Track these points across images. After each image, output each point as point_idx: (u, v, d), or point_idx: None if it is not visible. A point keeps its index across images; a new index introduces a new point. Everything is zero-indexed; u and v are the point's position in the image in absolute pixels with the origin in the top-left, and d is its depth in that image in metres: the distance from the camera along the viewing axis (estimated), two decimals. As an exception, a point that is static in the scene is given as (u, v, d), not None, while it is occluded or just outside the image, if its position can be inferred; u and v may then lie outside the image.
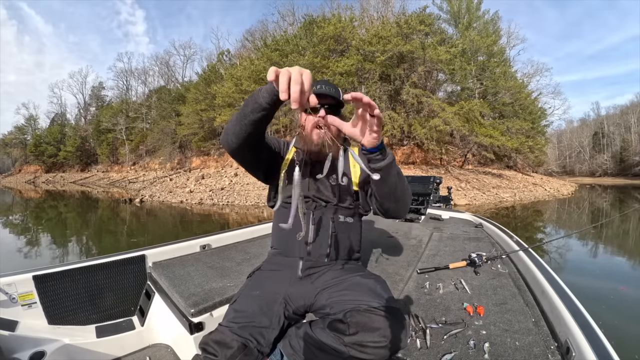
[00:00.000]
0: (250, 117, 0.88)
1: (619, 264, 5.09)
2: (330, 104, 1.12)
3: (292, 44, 22.49)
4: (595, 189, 25.26)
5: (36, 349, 1.12)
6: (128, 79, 46.44)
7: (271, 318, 0.93)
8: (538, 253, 1.63)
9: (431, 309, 1.16)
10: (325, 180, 1.15)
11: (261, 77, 21.42)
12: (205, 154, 27.74)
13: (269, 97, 0.83)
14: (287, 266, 1.11)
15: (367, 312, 0.83)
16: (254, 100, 0.86)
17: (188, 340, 1.12)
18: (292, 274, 1.08)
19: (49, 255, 5.72)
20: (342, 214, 1.15)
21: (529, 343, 0.91)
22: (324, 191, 1.15)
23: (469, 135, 17.66)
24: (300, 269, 1.07)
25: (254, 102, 0.86)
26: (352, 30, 19.78)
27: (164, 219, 10.44)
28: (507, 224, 7.76)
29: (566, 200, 15.93)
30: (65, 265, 1.39)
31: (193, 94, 27.20)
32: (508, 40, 28.73)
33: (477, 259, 1.55)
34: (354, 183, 1.17)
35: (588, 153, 50.89)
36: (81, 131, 46.47)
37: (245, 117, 0.89)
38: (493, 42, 21.19)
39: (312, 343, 0.88)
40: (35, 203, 16.22)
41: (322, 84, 1.13)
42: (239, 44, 34.81)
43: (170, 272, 1.45)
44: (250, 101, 0.87)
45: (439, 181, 3.42)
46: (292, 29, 28.23)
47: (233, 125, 0.94)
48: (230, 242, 2.05)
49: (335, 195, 1.14)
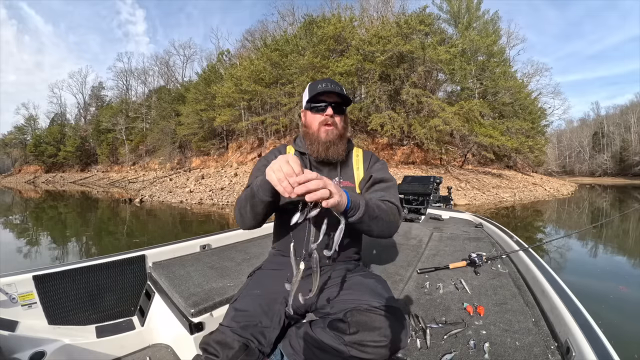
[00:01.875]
0: (260, 206, 0.94)
1: (619, 264, 5.09)
2: (336, 102, 1.11)
3: (292, 44, 22.49)
4: (595, 188, 25.27)
5: (36, 349, 1.12)
6: (128, 79, 46.52)
7: (272, 318, 0.92)
8: (538, 253, 1.63)
9: (431, 309, 1.16)
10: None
11: (261, 77, 21.45)
12: (205, 154, 27.74)
13: (269, 192, 0.87)
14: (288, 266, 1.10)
15: (368, 312, 0.83)
16: (258, 198, 0.91)
17: (188, 340, 1.12)
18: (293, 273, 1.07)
19: (49, 255, 5.72)
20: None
21: (529, 343, 0.91)
22: None
23: (468, 135, 17.67)
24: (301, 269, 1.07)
25: (259, 200, 0.92)
26: (352, 30, 19.78)
27: (163, 219, 10.44)
28: (507, 224, 7.76)
29: (566, 200, 15.93)
30: (65, 265, 1.39)
31: (193, 94, 27.19)
32: (508, 40, 28.82)
33: (477, 259, 1.55)
34: (357, 186, 1.16)
35: (588, 153, 50.91)
36: (81, 131, 46.49)
37: (255, 207, 0.95)
38: (493, 42, 21.18)
39: (312, 343, 0.88)
40: (35, 203, 16.21)
41: (327, 82, 1.12)
42: (239, 44, 34.92)
43: (170, 272, 1.45)
44: (254, 199, 0.93)
45: (439, 181, 3.42)
46: (292, 29, 28.23)
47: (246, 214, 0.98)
48: (230, 242, 2.05)
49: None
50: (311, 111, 1.13)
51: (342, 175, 1.16)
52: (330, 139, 1.10)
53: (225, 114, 22.65)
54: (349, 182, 1.15)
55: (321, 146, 1.10)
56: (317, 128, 1.11)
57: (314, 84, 1.13)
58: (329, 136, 1.10)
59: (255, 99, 22.33)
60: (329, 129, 1.11)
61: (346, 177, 1.16)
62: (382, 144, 20.12)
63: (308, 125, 1.15)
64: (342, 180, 1.15)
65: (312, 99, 1.10)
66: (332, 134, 1.11)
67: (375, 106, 19.23)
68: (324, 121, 1.10)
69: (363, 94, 21.00)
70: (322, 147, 1.10)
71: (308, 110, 1.14)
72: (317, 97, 1.09)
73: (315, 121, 1.12)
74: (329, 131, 1.11)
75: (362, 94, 21.21)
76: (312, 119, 1.13)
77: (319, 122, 1.11)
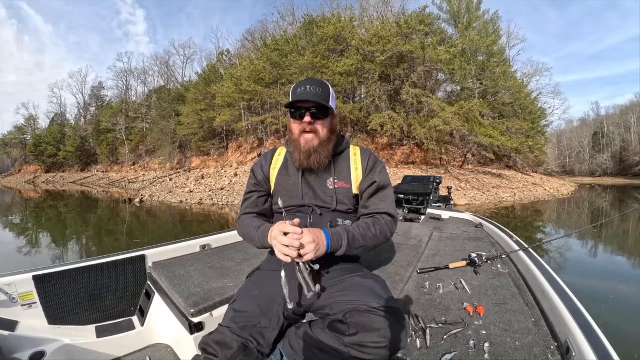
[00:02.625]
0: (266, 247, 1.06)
1: (619, 264, 5.10)
2: (316, 106, 1.04)
3: (291, 44, 22.50)
4: (595, 189, 25.26)
5: (36, 349, 1.12)
6: (128, 79, 46.52)
7: (271, 318, 0.92)
8: (538, 253, 1.63)
9: (431, 309, 1.16)
10: (324, 184, 1.11)
11: (261, 77, 21.44)
12: (205, 154, 27.74)
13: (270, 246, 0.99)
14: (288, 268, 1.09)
15: (367, 313, 0.83)
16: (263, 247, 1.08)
17: (188, 340, 1.12)
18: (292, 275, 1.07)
19: (49, 255, 5.72)
20: (341, 218, 1.12)
21: (529, 343, 0.91)
22: (322, 196, 1.11)
23: (468, 135, 17.67)
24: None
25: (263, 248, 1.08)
26: (351, 30, 19.78)
27: (163, 219, 10.44)
28: (507, 224, 7.76)
29: (566, 200, 15.93)
30: (65, 265, 1.38)
31: (193, 94, 27.20)
32: (508, 40, 28.81)
33: (477, 259, 1.55)
34: (354, 187, 1.13)
35: (588, 153, 50.90)
36: (81, 131, 46.49)
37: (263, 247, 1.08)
38: (493, 42, 21.19)
39: (312, 343, 0.87)
40: (35, 203, 16.21)
41: (306, 84, 1.05)
42: (239, 44, 34.92)
43: (170, 272, 1.45)
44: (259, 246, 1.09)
45: (439, 181, 3.42)
46: (292, 29, 28.24)
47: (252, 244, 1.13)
48: (230, 242, 2.05)
49: (333, 200, 1.11)
50: (292, 117, 1.09)
51: (336, 176, 1.13)
52: (311, 147, 1.06)
53: (225, 114, 22.65)
54: (344, 182, 1.12)
55: (302, 155, 1.07)
56: (298, 136, 1.08)
57: (296, 87, 1.07)
58: (308, 144, 1.06)
59: (255, 99, 22.32)
60: (309, 136, 1.06)
61: (341, 178, 1.13)
62: (382, 144, 20.12)
63: (291, 131, 1.11)
64: (337, 180, 1.12)
65: (290, 104, 1.06)
66: (312, 142, 1.07)
67: (375, 106, 19.23)
68: (302, 128, 1.06)
69: (363, 94, 21.00)
70: (303, 155, 1.07)
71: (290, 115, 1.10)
72: (294, 103, 1.05)
73: (296, 128, 1.08)
74: (309, 139, 1.06)
75: (362, 94, 21.21)
76: (293, 126, 1.10)
77: (299, 129, 1.07)
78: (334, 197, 1.10)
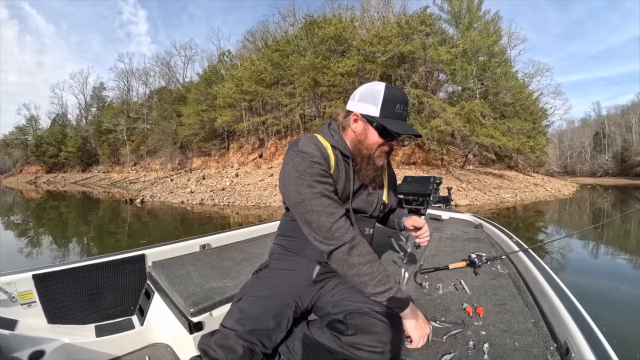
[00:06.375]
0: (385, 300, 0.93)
1: (620, 265, 5.08)
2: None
3: (292, 45, 22.53)
4: (596, 189, 25.20)
5: (35, 348, 1.12)
6: (129, 79, 46.68)
7: (280, 321, 0.90)
8: (538, 254, 1.63)
9: (431, 309, 1.15)
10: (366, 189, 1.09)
11: (262, 78, 21.47)
12: (206, 155, 27.79)
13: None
14: (302, 268, 1.03)
15: (368, 316, 0.83)
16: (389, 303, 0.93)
17: (187, 339, 1.12)
18: (306, 276, 1.02)
19: (50, 255, 5.74)
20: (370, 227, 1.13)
21: (528, 344, 0.91)
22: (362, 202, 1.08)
23: (470, 135, 17.64)
24: (316, 273, 1.02)
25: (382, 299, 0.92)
26: (352, 31, 19.80)
27: (164, 220, 10.46)
28: (509, 225, 7.76)
29: (567, 200, 15.89)
30: (65, 264, 1.39)
31: (194, 94, 27.25)
32: (509, 41, 28.78)
33: (477, 260, 1.54)
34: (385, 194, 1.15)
35: (589, 153, 50.78)
36: (82, 132, 46.59)
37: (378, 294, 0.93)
38: (494, 43, 21.17)
39: (307, 342, 0.87)
40: (36, 203, 16.27)
41: (403, 102, 0.97)
42: (240, 45, 34.97)
43: (170, 271, 1.44)
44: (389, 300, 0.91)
45: (439, 182, 3.41)
46: (293, 30, 28.27)
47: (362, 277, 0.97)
48: (230, 241, 2.04)
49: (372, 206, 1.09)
50: (378, 132, 0.98)
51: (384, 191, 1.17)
52: (383, 165, 1.06)
53: (226, 115, 22.69)
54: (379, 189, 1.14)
55: (373, 171, 1.03)
56: (377, 152, 1.00)
57: (394, 100, 0.95)
58: (383, 163, 1.05)
59: (256, 100, 22.35)
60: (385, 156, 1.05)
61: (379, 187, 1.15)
62: (383, 144, 20.08)
63: (366, 144, 0.99)
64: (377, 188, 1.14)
65: (391, 132, 0.96)
66: (385, 161, 1.07)
67: (376, 106, 19.17)
68: (388, 148, 1.02)
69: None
70: (373, 172, 1.03)
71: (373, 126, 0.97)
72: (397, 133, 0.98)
73: (378, 144, 0.99)
74: (384, 158, 1.05)
75: (363, 94, 21.14)
76: (374, 140, 0.98)
77: (382, 149, 1.01)
78: (373, 204, 1.10)
